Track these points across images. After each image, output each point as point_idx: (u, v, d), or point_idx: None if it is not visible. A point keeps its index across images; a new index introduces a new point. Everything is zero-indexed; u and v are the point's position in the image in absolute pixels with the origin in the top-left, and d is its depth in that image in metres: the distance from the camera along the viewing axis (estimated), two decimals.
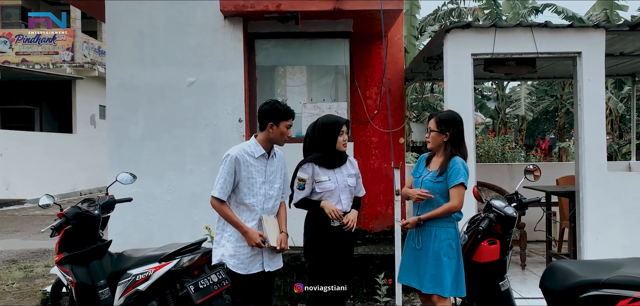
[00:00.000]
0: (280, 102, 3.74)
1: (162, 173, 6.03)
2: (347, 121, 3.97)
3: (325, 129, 3.85)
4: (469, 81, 5.41)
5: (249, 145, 3.68)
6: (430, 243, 3.66)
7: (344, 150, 3.90)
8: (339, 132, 3.83)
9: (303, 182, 3.81)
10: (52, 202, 4.33)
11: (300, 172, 3.85)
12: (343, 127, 3.86)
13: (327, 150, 3.83)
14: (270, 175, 3.70)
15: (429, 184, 3.73)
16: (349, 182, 3.89)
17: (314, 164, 3.83)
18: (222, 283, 4.05)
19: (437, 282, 3.60)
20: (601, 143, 5.44)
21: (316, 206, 3.82)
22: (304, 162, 3.87)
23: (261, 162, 3.65)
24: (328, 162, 3.84)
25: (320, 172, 3.83)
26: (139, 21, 6.10)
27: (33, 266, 7.50)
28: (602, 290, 3.08)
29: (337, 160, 3.87)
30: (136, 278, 4.11)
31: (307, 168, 3.84)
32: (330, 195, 3.81)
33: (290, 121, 3.68)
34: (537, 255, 7.09)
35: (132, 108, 6.08)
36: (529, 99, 17.55)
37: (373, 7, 5.84)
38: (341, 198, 3.83)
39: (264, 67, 6.47)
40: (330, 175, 3.83)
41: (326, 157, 3.84)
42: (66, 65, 18.39)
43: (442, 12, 17.90)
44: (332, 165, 3.85)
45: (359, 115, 6.94)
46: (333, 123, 3.85)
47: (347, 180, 3.88)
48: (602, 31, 5.42)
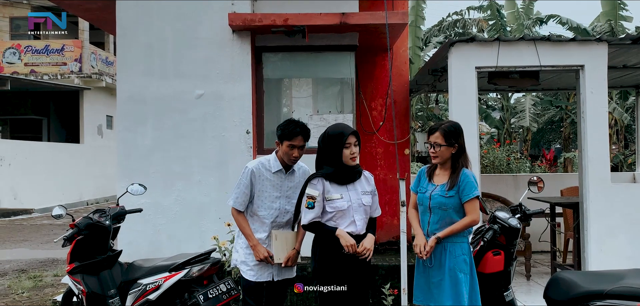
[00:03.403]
0: (291, 120, 3.69)
1: (170, 184, 6.11)
2: (354, 132, 3.46)
3: (330, 141, 3.46)
4: (473, 93, 5.48)
5: (268, 159, 3.75)
6: (445, 260, 3.51)
7: (354, 164, 3.47)
8: (343, 144, 3.40)
9: (312, 199, 3.40)
10: (65, 212, 4.41)
11: (309, 188, 3.45)
12: (349, 138, 3.42)
13: (335, 164, 3.43)
14: (288, 190, 3.71)
15: (441, 199, 3.55)
16: (363, 201, 3.46)
17: (324, 179, 3.42)
18: (230, 293, 4.13)
19: (455, 299, 3.47)
20: (604, 155, 5.49)
21: (331, 234, 3.39)
22: (313, 176, 3.48)
23: (278, 177, 3.71)
24: (340, 177, 3.43)
25: (331, 188, 3.41)
26: (149, 34, 6.22)
27: (42, 275, 7.58)
28: (605, 300, 3.13)
29: (349, 175, 3.45)
30: (146, 288, 4.19)
31: (316, 184, 3.42)
32: (343, 215, 3.40)
33: (293, 141, 3.60)
34: (541, 265, 7.12)
35: (141, 119, 6.18)
36: (533, 110, 17.57)
37: (378, 21, 5.94)
38: (355, 218, 3.41)
39: (271, 79, 6.57)
40: (343, 192, 3.42)
41: (338, 171, 3.44)
42: (74, 75, 18.60)
43: (446, 23, 18.00)
44: (345, 181, 3.44)
45: (365, 127, 7.02)
46: (337, 135, 3.43)
47: (361, 198, 3.46)
48: (604, 44, 5.48)
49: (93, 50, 19.54)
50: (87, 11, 7.12)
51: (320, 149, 3.52)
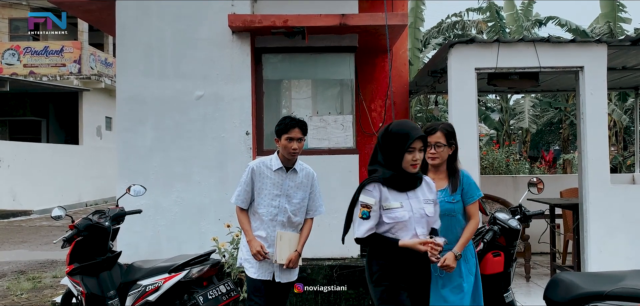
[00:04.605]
0: (287, 116, 3.74)
1: (170, 185, 6.11)
2: (422, 135, 2.97)
3: (392, 140, 2.97)
4: (473, 95, 5.48)
5: (270, 158, 3.77)
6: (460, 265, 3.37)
7: (415, 171, 2.99)
8: (407, 147, 2.91)
9: (368, 208, 2.90)
10: (64, 213, 4.41)
11: (363, 195, 2.94)
12: (415, 142, 2.92)
13: (394, 168, 2.96)
14: (289, 189, 3.71)
15: (448, 206, 3.36)
16: (426, 211, 3.00)
17: (381, 185, 2.95)
18: (230, 294, 4.13)
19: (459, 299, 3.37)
20: (604, 156, 5.49)
21: (394, 246, 2.89)
22: (368, 181, 2.98)
23: (278, 175, 3.71)
24: (399, 184, 2.97)
25: (389, 195, 2.94)
26: (148, 35, 6.22)
27: (41, 277, 7.57)
28: (605, 301, 3.12)
29: (410, 181, 3.01)
30: (146, 289, 4.19)
31: (372, 191, 2.93)
32: (403, 228, 2.93)
33: (290, 133, 3.59)
34: (541, 266, 7.12)
35: (141, 120, 6.18)
36: (533, 111, 17.58)
37: (378, 22, 5.95)
38: (417, 231, 2.95)
39: (271, 80, 6.57)
40: (403, 200, 2.95)
41: (397, 176, 2.96)
42: (73, 77, 18.60)
43: (445, 24, 18.00)
44: (405, 188, 2.99)
45: (364, 128, 7.03)
46: (402, 135, 2.93)
47: (424, 207, 3.00)
48: (604, 46, 5.49)
49: (92, 51, 19.54)
50: (86, 12, 7.12)
51: (379, 147, 3.05)
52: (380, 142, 3.04)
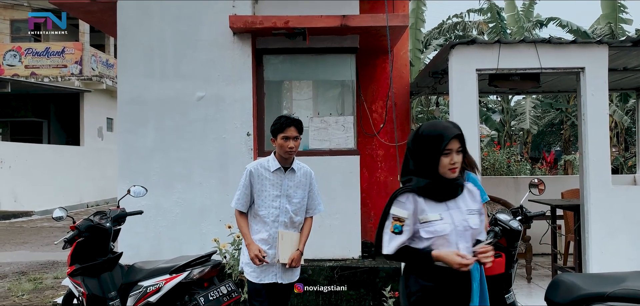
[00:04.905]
0: (281, 115, 3.74)
1: (171, 186, 6.12)
2: (458, 134, 2.58)
3: (424, 143, 2.59)
4: (474, 96, 5.48)
5: (267, 159, 3.77)
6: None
7: (454, 176, 2.59)
8: (442, 149, 2.54)
9: (400, 222, 2.57)
10: (65, 214, 4.42)
11: (395, 207, 2.60)
12: (451, 142, 2.55)
13: (429, 175, 2.58)
14: (288, 189, 3.70)
15: None
16: (470, 223, 2.62)
17: (416, 195, 2.59)
18: (231, 295, 4.13)
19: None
20: (605, 157, 5.49)
21: (426, 258, 2.55)
22: (401, 192, 2.62)
23: (277, 176, 3.70)
24: (437, 192, 2.59)
25: (426, 206, 2.58)
26: (150, 36, 6.23)
27: (42, 278, 7.57)
28: (606, 303, 3.12)
29: (450, 189, 2.61)
30: (147, 290, 4.19)
31: (406, 202, 2.58)
32: (444, 243, 2.56)
33: (286, 132, 3.58)
34: (542, 268, 7.11)
35: (142, 121, 6.18)
36: (534, 112, 17.57)
37: (379, 23, 5.95)
38: (459, 246, 2.58)
39: (272, 81, 6.57)
40: (443, 211, 2.59)
41: (434, 184, 2.58)
42: (74, 78, 18.61)
43: (447, 25, 18.00)
44: (444, 197, 2.61)
45: (365, 129, 7.03)
46: (435, 137, 2.56)
47: (467, 219, 2.62)
48: (605, 47, 5.48)
49: (93, 52, 19.55)
50: (87, 13, 7.13)
51: (409, 153, 2.68)
52: (410, 147, 2.67)
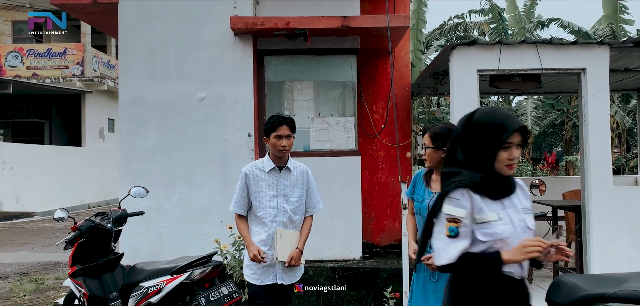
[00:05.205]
0: (273, 114, 3.70)
1: (172, 186, 6.12)
2: (522, 126, 2.24)
3: (481, 132, 2.25)
4: (475, 97, 5.47)
5: (262, 161, 3.75)
6: None
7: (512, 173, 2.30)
8: (503, 142, 2.20)
9: (456, 223, 2.18)
10: (67, 215, 4.43)
11: (448, 205, 2.21)
12: (513, 136, 2.22)
13: (484, 169, 2.24)
14: (285, 188, 3.68)
15: None
16: (528, 223, 2.31)
17: (471, 191, 2.22)
18: (232, 296, 4.13)
19: None
20: (606, 158, 5.48)
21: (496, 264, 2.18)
22: (453, 187, 2.22)
23: (272, 176, 3.69)
24: (493, 189, 2.25)
25: (483, 205, 2.22)
26: (151, 38, 6.24)
27: (44, 278, 7.58)
28: (607, 304, 3.11)
29: (505, 185, 2.29)
30: (148, 291, 4.19)
31: (461, 199, 2.20)
32: (503, 247, 2.21)
33: (278, 131, 3.55)
34: (543, 268, 7.09)
35: (143, 122, 6.19)
36: (535, 113, 17.57)
37: (380, 24, 5.95)
38: None
39: (273, 82, 6.58)
40: (499, 210, 2.24)
41: (491, 180, 2.24)
42: (76, 79, 18.64)
43: (448, 26, 18.02)
44: (499, 194, 2.27)
45: (366, 130, 7.03)
46: (496, 126, 2.22)
47: (524, 219, 2.31)
48: (606, 47, 5.48)
49: (95, 53, 19.58)
50: (89, 14, 7.14)
51: (458, 142, 2.32)
52: (461, 134, 2.30)
